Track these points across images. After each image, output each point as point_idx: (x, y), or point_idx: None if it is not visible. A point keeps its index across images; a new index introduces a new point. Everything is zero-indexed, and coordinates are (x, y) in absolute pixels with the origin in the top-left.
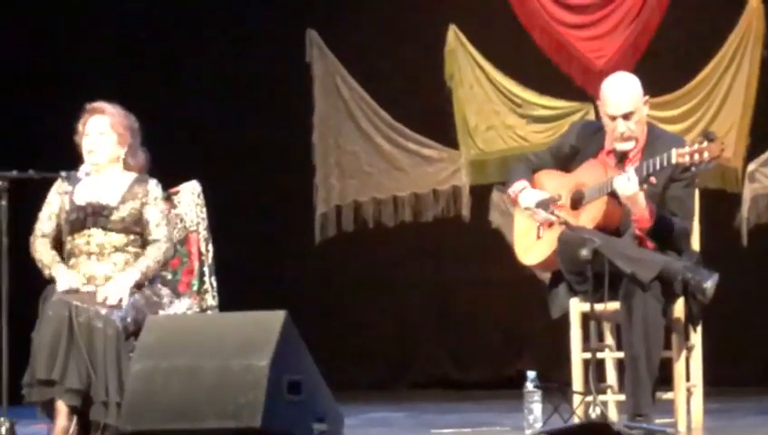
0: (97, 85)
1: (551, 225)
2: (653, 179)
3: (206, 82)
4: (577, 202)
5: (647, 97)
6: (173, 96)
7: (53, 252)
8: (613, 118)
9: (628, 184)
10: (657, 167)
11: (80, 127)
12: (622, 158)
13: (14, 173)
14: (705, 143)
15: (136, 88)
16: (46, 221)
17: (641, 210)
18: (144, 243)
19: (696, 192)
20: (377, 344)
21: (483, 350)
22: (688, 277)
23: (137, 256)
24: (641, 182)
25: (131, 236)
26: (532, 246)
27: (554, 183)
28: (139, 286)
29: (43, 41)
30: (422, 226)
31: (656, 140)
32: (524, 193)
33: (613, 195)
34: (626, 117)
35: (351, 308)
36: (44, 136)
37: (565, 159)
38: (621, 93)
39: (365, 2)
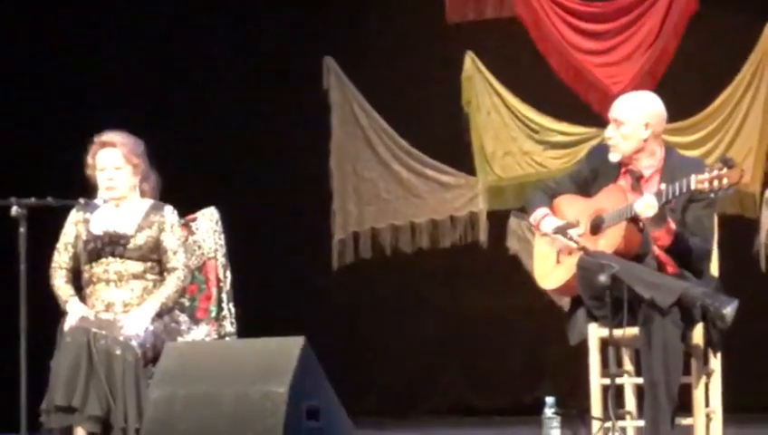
0: (112, 114)
1: (570, 252)
2: (672, 204)
3: (223, 109)
4: (596, 227)
5: (651, 121)
6: (190, 123)
7: (69, 285)
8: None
9: (649, 207)
10: (677, 192)
11: (89, 160)
12: (638, 178)
13: (33, 200)
14: (725, 169)
15: (154, 114)
16: (63, 252)
17: (660, 228)
18: (161, 269)
19: (715, 216)
20: (395, 370)
21: (501, 376)
22: (708, 303)
23: (155, 282)
24: (661, 207)
25: (149, 264)
26: (551, 271)
27: (574, 209)
28: (158, 316)
29: (60, 69)
30: (439, 252)
31: (674, 164)
32: (545, 221)
33: (633, 220)
34: (616, 123)
35: (369, 334)
36: (60, 165)
37: (585, 183)
38: (622, 100)
39: (382, 29)
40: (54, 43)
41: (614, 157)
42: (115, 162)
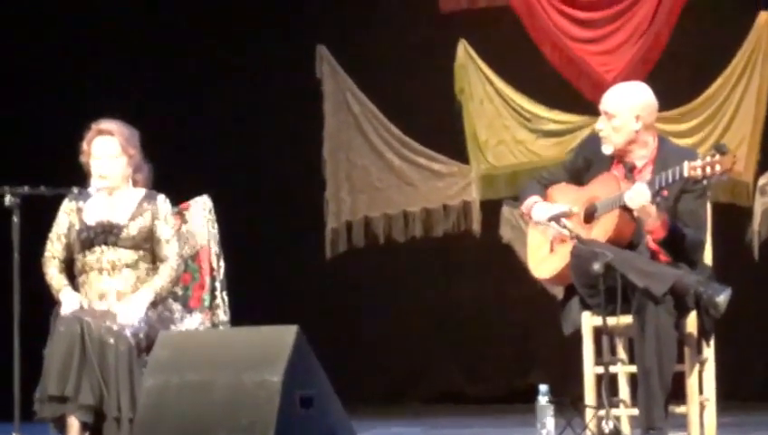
0: (107, 102)
1: (563, 240)
2: (665, 192)
3: (217, 97)
4: (590, 216)
5: (642, 113)
6: (184, 112)
7: (63, 275)
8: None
9: (639, 196)
10: (670, 180)
11: (85, 146)
12: (631, 169)
13: (26, 189)
14: (717, 156)
15: (147, 103)
16: (56, 242)
17: (654, 221)
18: (154, 258)
19: (708, 205)
20: (388, 359)
21: (495, 364)
22: (701, 291)
23: (148, 271)
24: (653, 195)
25: (142, 253)
26: (545, 259)
27: (567, 197)
28: (152, 305)
29: (53, 57)
30: (433, 241)
31: (667, 154)
32: (537, 208)
33: (626, 208)
34: (607, 116)
35: (363, 323)
36: (55, 153)
37: (579, 172)
38: (611, 92)
39: (375, 18)
40: (47, 32)
41: (607, 149)
42: (111, 151)
